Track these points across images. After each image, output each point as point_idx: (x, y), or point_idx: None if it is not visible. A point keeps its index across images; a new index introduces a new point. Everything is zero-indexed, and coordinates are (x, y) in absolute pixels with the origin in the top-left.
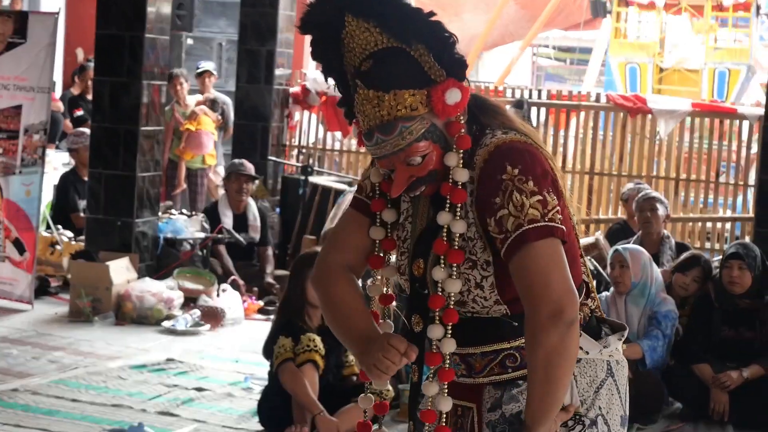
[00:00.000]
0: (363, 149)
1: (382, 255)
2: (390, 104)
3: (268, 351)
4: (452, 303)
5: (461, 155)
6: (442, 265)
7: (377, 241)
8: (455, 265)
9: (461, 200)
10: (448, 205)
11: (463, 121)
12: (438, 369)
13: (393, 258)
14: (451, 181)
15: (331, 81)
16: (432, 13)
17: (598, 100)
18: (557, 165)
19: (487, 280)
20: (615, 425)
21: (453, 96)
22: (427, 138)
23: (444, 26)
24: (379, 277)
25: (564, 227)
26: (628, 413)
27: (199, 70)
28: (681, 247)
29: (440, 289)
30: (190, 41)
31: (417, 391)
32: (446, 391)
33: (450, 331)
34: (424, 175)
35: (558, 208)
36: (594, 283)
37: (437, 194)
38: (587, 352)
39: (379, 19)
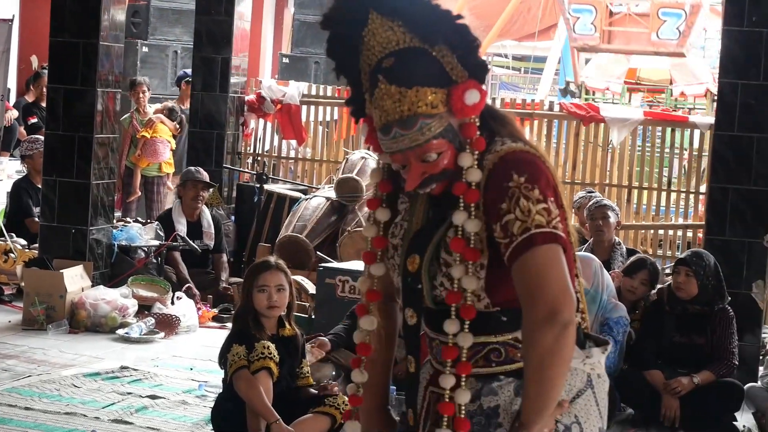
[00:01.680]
0: (357, 152)
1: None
2: (411, 100)
3: (223, 359)
4: (468, 300)
5: (476, 156)
6: (459, 263)
7: (369, 239)
8: (471, 262)
9: (474, 200)
10: (462, 205)
11: (478, 124)
12: (456, 362)
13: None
14: (465, 180)
15: (292, 91)
16: (459, 16)
17: (551, 108)
18: (558, 178)
19: (478, 282)
20: None
21: (472, 97)
22: (444, 137)
23: (470, 29)
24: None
25: (565, 237)
26: (606, 427)
27: (188, 78)
28: (632, 254)
29: (456, 287)
30: (145, 49)
31: (415, 381)
32: (464, 383)
33: (467, 326)
34: (437, 172)
35: (559, 219)
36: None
37: (434, 194)
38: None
39: (407, 18)
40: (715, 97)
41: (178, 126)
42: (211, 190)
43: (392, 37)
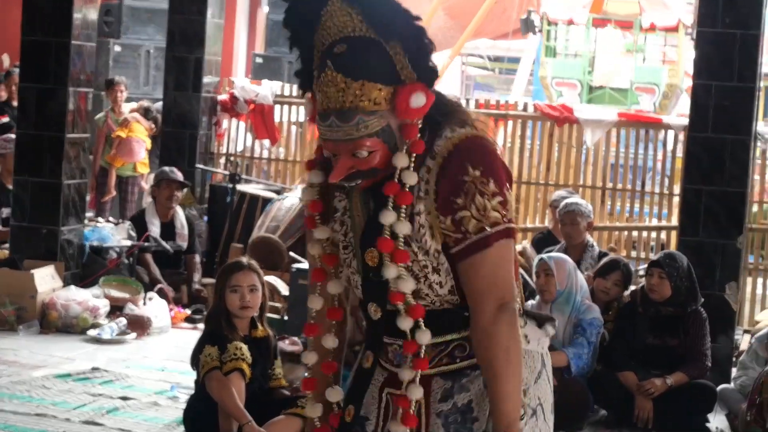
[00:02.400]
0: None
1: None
2: (355, 93)
3: (195, 360)
4: (411, 299)
5: (413, 159)
6: (390, 262)
7: (317, 256)
8: (403, 264)
9: (407, 203)
10: (392, 205)
11: (420, 126)
12: (414, 357)
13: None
14: (398, 181)
15: (265, 91)
16: (418, 17)
17: (525, 109)
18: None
19: (442, 266)
20: (548, 413)
21: (418, 100)
22: (380, 136)
23: (426, 32)
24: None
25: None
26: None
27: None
28: (604, 257)
29: (393, 286)
30: (117, 48)
31: (367, 378)
32: (418, 379)
33: (422, 322)
34: (365, 169)
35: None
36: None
37: (378, 189)
38: (528, 342)
39: (366, 8)
40: (689, 30)
41: (153, 125)
42: (185, 190)
43: (349, 23)
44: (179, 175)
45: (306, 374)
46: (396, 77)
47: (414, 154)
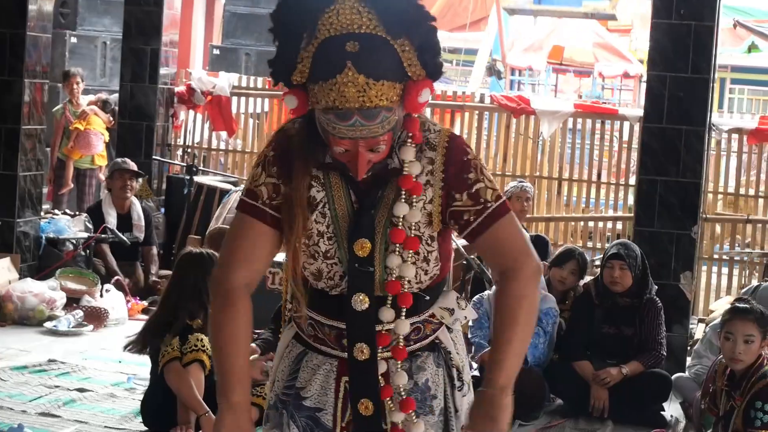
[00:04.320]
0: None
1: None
2: (377, 93)
3: (150, 349)
4: (407, 287)
5: (416, 149)
6: (397, 252)
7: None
8: (411, 251)
9: (418, 193)
10: (404, 198)
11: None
12: (392, 348)
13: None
14: (406, 172)
15: (222, 82)
16: (434, 18)
17: (482, 100)
18: None
19: (431, 254)
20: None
21: (425, 96)
22: (393, 129)
23: (437, 32)
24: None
25: None
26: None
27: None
28: (536, 240)
29: (395, 275)
30: (73, 39)
31: (369, 369)
32: (399, 366)
33: (404, 313)
34: (377, 161)
35: None
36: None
37: (352, 177)
38: (465, 317)
39: (381, 7)
40: (643, 79)
41: (111, 118)
42: (140, 179)
43: (357, 20)
44: (132, 165)
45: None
46: (404, 74)
47: (416, 144)
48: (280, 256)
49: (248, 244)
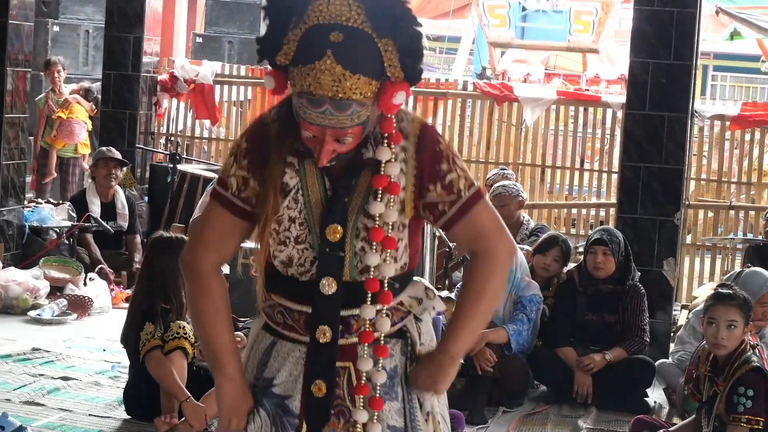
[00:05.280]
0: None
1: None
2: (352, 85)
3: (129, 338)
4: (386, 285)
5: (393, 150)
6: (375, 251)
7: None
8: (389, 250)
9: (395, 193)
10: (380, 197)
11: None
12: (359, 333)
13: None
14: (384, 173)
15: (205, 71)
16: (420, 24)
17: (465, 88)
18: None
19: (402, 242)
20: None
21: (400, 98)
22: (363, 124)
23: (423, 37)
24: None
25: None
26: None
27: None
28: (537, 230)
29: (375, 273)
30: (56, 28)
31: (330, 352)
32: (380, 367)
33: (369, 298)
34: (343, 152)
35: None
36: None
37: (326, 167)
38: (434, 308)
39: (371, 4)
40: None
41: (94, 107)
42: (124, 168)
43: (346, 12)
44: (116, 154)
45: None
46: (383, 72)
47: (393, 145)
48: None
49: (216, 231)
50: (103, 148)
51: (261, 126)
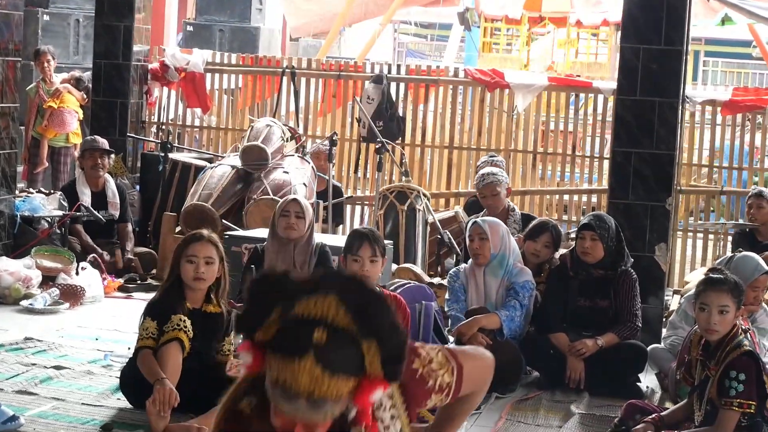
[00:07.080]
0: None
1: None
2: (329, 387)
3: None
4: None
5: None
6: None
7: None
8: None
9: None
10: None
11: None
12: None
13: None
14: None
15: (196, 59)
16: (405, 333)
17: (456, 74)
18: None
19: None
20: None
21: (377, 395)
22: (335, 416)
23: (407, 344)
24: None
25: None
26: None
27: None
28: (527, 219)
29: None
30: (46, 17)
31: None
32: None
33: None
34: None
35: None
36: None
37: None
38: None
39: (359, 310)
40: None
41: (85, 96)
42: (112, 156)
43: (332, 311)
44: (102, 143)
45: None
46: (362, 370)
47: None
48: (256, 233)
49: None
50: (89, 138)
51: (237, 419)
